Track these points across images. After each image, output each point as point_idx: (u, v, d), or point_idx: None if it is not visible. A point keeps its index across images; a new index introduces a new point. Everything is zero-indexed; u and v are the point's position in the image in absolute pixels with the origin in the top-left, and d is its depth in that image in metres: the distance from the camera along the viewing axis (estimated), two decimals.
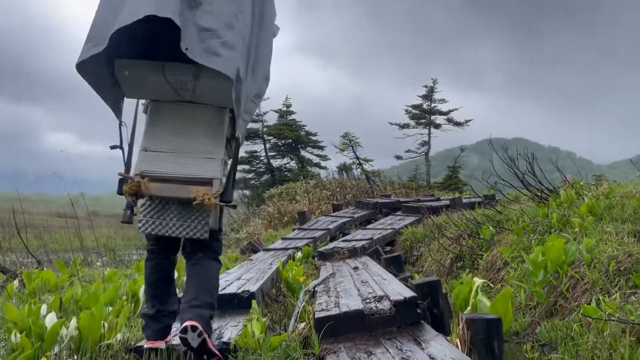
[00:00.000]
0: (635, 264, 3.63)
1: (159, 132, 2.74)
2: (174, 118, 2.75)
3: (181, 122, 2.75)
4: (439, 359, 2.29)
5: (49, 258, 11.39)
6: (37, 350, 2.82)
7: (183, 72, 2.64)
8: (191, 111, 2.76)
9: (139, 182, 2.59)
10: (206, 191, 2.60)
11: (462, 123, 26.24)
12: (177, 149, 2.70)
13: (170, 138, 2.71)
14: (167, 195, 2.64)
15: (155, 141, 2.72)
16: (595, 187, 6.83)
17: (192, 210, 2.65)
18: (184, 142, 2.71)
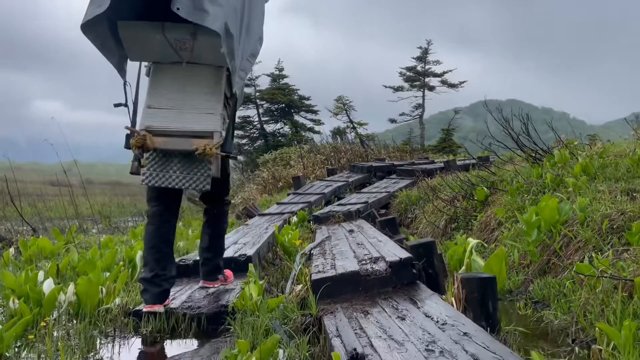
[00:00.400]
0: (628, 222, 3.66)
1: (162, 91, 2.89)
2: (174, 77, 2.90)
3: (182, 81, 2.90)
4: (435, 317, 2.33)
5: (44, 226, 11.40)
6: (36, 316, 2.85)
7: (181, 30, 2.74)
8: (190, 71, 2.90)
9: (144, 136, 2.74)
10: (207, 143, 2.74)
11: (456, 85, 26.05)
12: (178, 106, 2.84)
13: (172, 95, 2.86)
14: (170, 147, 2.79)
15: (158, 99, 2.86)
16: (589, 147, 6.84)
17: (194, 163, 2.80)
18: (185, 100, 2.86)
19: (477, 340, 1.96)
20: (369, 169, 11.27)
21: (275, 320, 2.73)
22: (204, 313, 2.99)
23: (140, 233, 7.03)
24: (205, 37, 2.71)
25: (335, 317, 2.52)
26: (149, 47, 2.83)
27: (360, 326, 2.33)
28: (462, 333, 2.05)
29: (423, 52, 25.84)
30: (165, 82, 2.90)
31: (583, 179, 4.96)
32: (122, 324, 2.96)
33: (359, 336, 2.17)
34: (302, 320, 2.73)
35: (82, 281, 3.06)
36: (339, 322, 2.43)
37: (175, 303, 3.14)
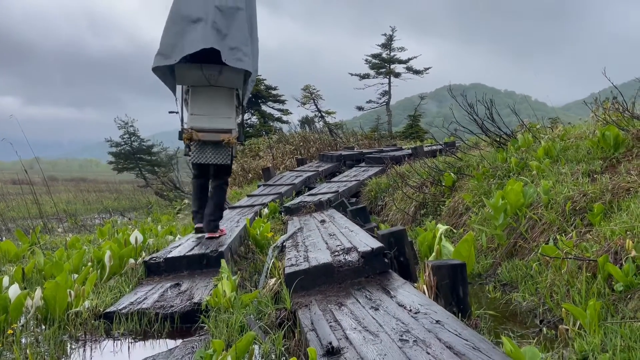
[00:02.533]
0: (590, 203, 3.78)
1: (199, 104, 4.42)
2: (206, 95, 4.45)
3: (210, 98, 4.44)
4: (408, 306, 2.36)
5: (6, 227, 11.06)
6: (2, 323, 2.76)
7: (212, 69, 4.34)
8: (215, 91, 4.46)
9: (190, 132, 4.34)
10: (229, 136, 4.38)
11: (421, 71, 26.26)
12: (209, 113, 4.41)
13: (205, 107, 4.43)
14: (206, 139, 4.38)
15: (197, 109, 4.41)
16: (551, 129, 7.01)
17: (220, 148, 4.42)
18: (213, 109, 4.43)
19: (449, 327, 1.99)
20: (339, 157, 11.30)
21: (250, 316, 2.72)
22: (176, 312, 2.96)
23: (107, 231, 6.90)
24: (226, 73, 4.34)
25: (310, 311, 2.53)
26: (191, 78, 4.41)
27: (335, 318, 2.35)
28: (434, 321, 2.09)
29: (388, 39, 25.93)
30: (201, 98, 4.44)
31: (546, 162, 5.09)
32: (93, 327, 2.90)
33: (334, 329, 2.19)
34: (277, 315, 2.73)
35: (49, 285, 2.98)
36: (313, 315, 2.44)
37: (147, 303, 3.10)
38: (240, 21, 4.19)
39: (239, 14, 4.20)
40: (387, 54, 26.17)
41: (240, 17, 4.20)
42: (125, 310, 2.98)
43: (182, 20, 4.13)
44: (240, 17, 4.20)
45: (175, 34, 4.11)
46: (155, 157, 26.53)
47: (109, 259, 3.88)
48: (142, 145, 26.28)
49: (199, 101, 4.41)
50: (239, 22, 4.18)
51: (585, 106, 7.17)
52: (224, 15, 4.15)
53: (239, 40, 4.13)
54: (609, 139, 4.71)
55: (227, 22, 4.14)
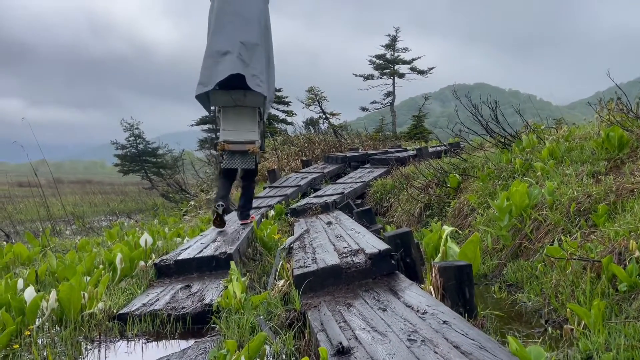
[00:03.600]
0: (594, 204, 3.82)
1: (228, 121, 5.30)
2: (234, 114, 5.31)
3: (237, 116, 5.31)
4: (415, 306, 2.41)
5: (15, 229, 11.18)
6: (20, 325, 2.83)
7: (239, 93, 5.20)
8: (241, 110, 5.31)
9: (223, 144, 5.24)
10: (253, 147, 5.25)
11: (425, 71, 26.28)
12: (237, 128, 5.29)
13: (233, 123, 5.29)
14: (236, 149, 5.26)
15: (227, 125, 5.29)
16: (556, 130, 7.05)
17: (246, 156, 5.29)
18: (240, 125, 5.30)
19: (456, 328, 2.05)
20: (344, 159, 11.36)
21: (260, 317, 2.78)
22: (188, 313, 3.02)
23: (116, 233, 6.98)
24: (249, 95, 5.19)
25: (319, 311, 2.59)
26: (222, 100, 5.27)
27: (344, 319, 2.40)
28: (441, 321, 2.14)
29: (392, 39, 25.96)
30: (229, 117, 5.30)
31: (550, 163, 5.13)
32: (107, 329, 2.97)
33: (343, 329, 2.25)
34: (287, 316, 2.79)
35: (63, 287, 3.05)
36: (322, 316, 2.50)
37: (159, 304, 3.16)
38: (259, 54, 5.15)
39: (258, 48, 5.15)
40: (391, 55, 26.20)
41: (259, 51, 5.16)
42: (138, 311, 3.05)
43: (214, 55, 5.06)
44: (259, 51, 5.16)
45: (210, 65, 5.05)
46: (161, 159, 26.65)
47: (120, 261, 3.95)
48: (147, 147, 26.41)
49: (228, 119, 5.32)
50: (258, 55, 5.13)
51: (591, 105, 7.20)
52: (247, 49, 5.08)
53: (258, 69, 5.09)
54: (613, 139, 4.75)
55: (249, 54, 5.07)
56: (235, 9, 5.20)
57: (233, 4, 5.22)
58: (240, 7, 5.22)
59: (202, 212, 11.20)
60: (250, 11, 5.24)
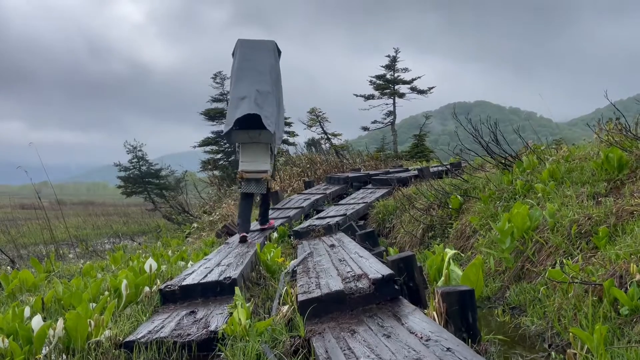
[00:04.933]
0: (595, 226, 3.86)
1: (246, 155, 6.57)
2: (250, 149, 6.59)
3: (254, 151, 6.58)
4: (418, 333, 2.44)
5: (19, 254, 11.20)
6: (27, 354, 2.86)
7: (255, 132, 6.49)
8: (257, 145, 6.58)
9: (241, 173, 6.53)
10: (266, 175, 6.54)
11: (425, 91, 26.49)
12: (253, 160, 6.55)
13: (250, 156, 6.56)
14: (251, 177, 6.52)
15: (245, 158, 6.56)
16: (556, 150, 7.10)
17: (260, 182, 6.56)
18: (256, 158, 6.56)
19: (459, 355, 2.08)
20: (346, 179, 11.41)
21: (265, 345, 2.81)
22: (194, 340, 3.04)
23: (120, 258, 7.00)
24: (263, 133, 6.46)
25: (324, 338, 2.61)
26: (241, 138, 6.59)
27: (349, 346, 2.43)
28: (445, 348, 2.17)
29: (391, 60, 26.23)
30: (247, 151, 6.58)
31: (551, 184, 5.18)
32: (114, 357, 2.99)
33: (348, 357, 2.27)
34: (291, 343, 2.81)
35: (70, 316, 3.08)
36: (327, 343, 2.53)
37: (164, 332, 3.19)
38: (271, 100, 6.45)
39: (270, 96, 6.48)
40: (391, 75, 26.45)
41: (271, 98, 6.47)
42: (144, 339, 3.07)
43: (235, 100, 6.41)
44: (271, 98, 6.47)
45: (232, 109, 6.36)
46: (164, 180, 26.74)
47: (126, 287, 3.99)
48: (150, 168, 26.52)
49: (246, 153, 6.59)
50: (269, 100, 6.43)
51: (591, 121, 7.27)
52: (261, 95, 6.38)
53: (269, 112, 6.35)
54: (613, 160, 4.80)
55: (262, 99, 6.37)
56: (252, 65, 6.65)
57: (250, 62, 6.67)
58: (255, 63, 6.67)
59: (205, 235, 11.23)
60: (263, 66, 6.67)
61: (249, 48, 6.81)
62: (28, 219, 19.53)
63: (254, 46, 6.87)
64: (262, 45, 6.91)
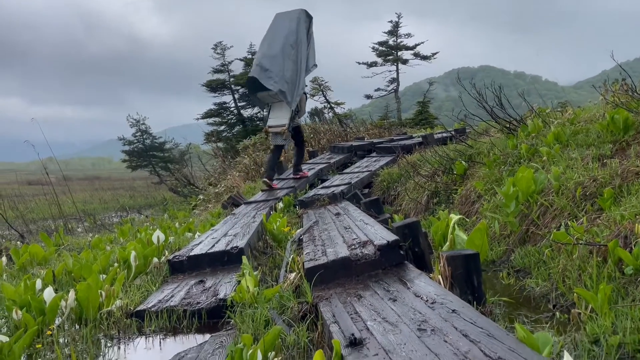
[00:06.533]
0: (600, 188, 3.85)
1: (271, 112, 7.89)
2: (275, 107, 7.82)
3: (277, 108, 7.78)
4: (424, 296, 2.47)
5: (28, 229, 11.33)
6: (41, 325, 2.93)
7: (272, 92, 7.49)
8: (280, 104, 7.70)
9: (266, 129, 7.89)
10: (283, 128, 7.61)
11: (428, 57, 26.16)
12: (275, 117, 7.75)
13: (274, 114, 7.81)
14: (273, 131, 7.74)
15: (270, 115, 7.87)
16: (561, 113, 7.04)
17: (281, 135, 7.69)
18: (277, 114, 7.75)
19: (464, 316, 2.11)
20: (350, 148, 11.38)
21: (273, 311, 2.86)
22: (203, 308, 3.10)
23: (128, 230, 7.08)
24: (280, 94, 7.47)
25: (331, 304, 2.65)
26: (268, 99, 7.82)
27: (355, 310, 2.47)
28: (450, 310, 2.20)
29: (394, 26, 25.82)
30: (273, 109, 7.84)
31: (556, 147, 5.15)
32: (125, 326, 3.06)
33: (355, 321, 2.31)
34: (299, 308, 2.86)
35: (81, 287, 3.14)
36: (334, 308, 2.57)
37: (174, 300, 3.25)
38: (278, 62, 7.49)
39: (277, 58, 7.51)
40: (394, 41, 26.08)
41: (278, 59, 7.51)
42: (155, 308, 3.13)
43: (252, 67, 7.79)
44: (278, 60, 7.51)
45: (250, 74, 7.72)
46: (168, 153, 26.77)
47: (135, 259, 4.04)
48: (154, 142, 26.52)
49: (272, 111, 7.91)
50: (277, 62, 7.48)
51: (597, 84, 7.18)
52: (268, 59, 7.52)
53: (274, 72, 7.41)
54: (618, 122, 4.76)
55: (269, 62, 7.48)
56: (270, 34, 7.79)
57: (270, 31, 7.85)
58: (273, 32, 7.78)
59: (211, 206, 11.30)
60: (279, 33, 7.72)
61: (275, 20, 7.98)
62: (35, 195, 19.68)
63: (280, 17, 8.00)
64: (286, 16, 8.02)
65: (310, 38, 8.21)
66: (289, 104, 7.57)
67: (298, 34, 7.74)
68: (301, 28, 7.83)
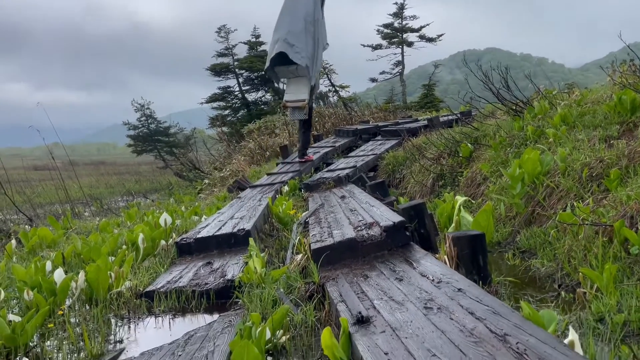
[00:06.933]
0: (606, 169, 3.84)
1: (289, 87, 8.14)
2: (293, 82, 8.11)
3: (295, 84, 8.03)
4: (430, 276, 2.49)
5: (36, 213, 11.42)
6: (52, 305, 2.97)
7: (292, 67, 7.87)
8: (297, 79, 8.00)
9: (284, 103, 8.12)
10: (304, 103, 7.87)
11: (434, 39, 25.92)
12: (294, 92, 7.97)
13: (292, 88, 8.06)
14: (292, 105, 7.96)
15: (288, 90, 8.14)
16: (568, 95, 6.99)
17: (301, 110, 7.95)
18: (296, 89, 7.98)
19: (470, 295, 2.13)
20: (354, 132, 11.36)
21: (281, 291, 2.89)
22: (211, 289, 3.14)
23: (134, 214, 7.13)
24: (300, 69, 7.79)
25: (337, 283, 2.68)
26: (285, 74, 8.24)
27: (362, 290, 2.50)
28: (456, 289, 2.22)
29: (399, 7, 25.56)
30: (290, 84, 8.11)
31: (562, 129, 5.13)
32: (135, 306, 3.11)
33: (362, 300, 2.34)
34: (306, 289, 2.89)
35: (91, 268, 3.18)
36: (341, 287, 2.60)
37: (182, 281, 3.29)
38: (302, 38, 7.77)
39: (302, 35, 7.77)
40: (399, 23, 25.84)
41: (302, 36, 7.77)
42: (164, 288, 3.17)
43: (272, 43, 7.97)
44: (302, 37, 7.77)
45: (269, 52, 8.01)
46: (173, 138, 26.79)
47: (143, 241, 4.08)
48: (159, 126, 26.54)
49: (289, 86, 8.17)
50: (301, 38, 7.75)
51: (604, 66, 7.12)
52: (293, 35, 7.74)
53: (300, 48, 7.71)
54: (626, 103, 4.73)
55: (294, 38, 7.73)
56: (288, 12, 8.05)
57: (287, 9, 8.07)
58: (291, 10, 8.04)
59: (217, 190, 11.34)
60: (298, 11, 8.00)
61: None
62: (42, 180, 19.79)
63: None
64: None
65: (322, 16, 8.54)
66: (309, 80, 7.90)
67: (315, 11, 8.05)
68: (317, 6, 8.13)
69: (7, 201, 10.95)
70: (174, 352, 2.27)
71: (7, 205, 11.91)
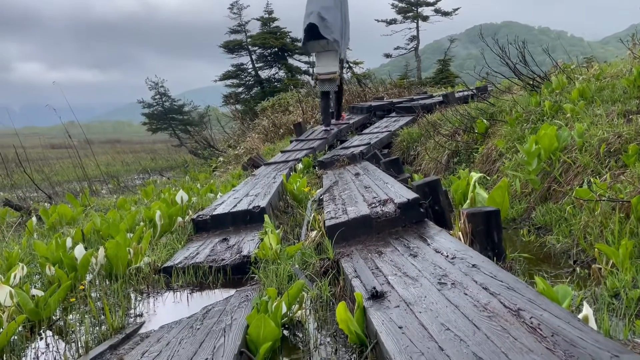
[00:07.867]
0: (625, 144, 3.79)
1: (320, 60, 8.71)
2: (324, 56, 8.62)
3: (326, 57, 8.61)
4: (444, 252, 2.51)
5: (54, 190, 11.62)
6: (73, 280, 3.05)
7: (323, 41, 8.37)
8: (327, 53, 8.55)
9: (317, 76, 8.84)
10: (335, 75, 8.59)
11: (450, 12, 25.48)
12: (324, 65, 8.62)
13: (323, 61, 8.65)
14: (324, 78, 8.67)
15: (319, 63, 8.72)
16: (586, 69, 6.86)
17: (332, 81, 8.70)
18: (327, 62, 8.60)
19: (484, 270, 2.14)
20: (369, 109, 11.29)
21: (296, 267, 2.93)
22: (228, 265, 3.20)
23: (151, 191, 7.21)
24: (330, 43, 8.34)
25: (352, 259, 2.71)
26: (316, 48, 8.63)
27: (376, 266, 2.52)
28: (470, 265, 2.24)
29: None
30: (321, 57, 8.64)
31: (580, 104, 5.05)
32: (154, 281, 3.17)
33: (376, 275, 2.36)
34: (321, 265, 2.92)
35: (110, 244, 3.24)
36: (356, 263, 2.62)
37: (199, 257, 3.35)
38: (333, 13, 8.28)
39: (332, 10, 8.26)
40: None
41: (333, 11, 8.28)
42: (182, 264, 3.23)
43: (305, 17, 8.37)
44: (333, 12, 8.28)
45: (303, 25, 8.38)
46: (187, 116, 26.88)
47: (160, 218, 4.14)
48: (173, 105, 26.62)
49: (320, 59, 8.66)
50: (332, 14, 8.26)
51: (625, 39, 6.95)
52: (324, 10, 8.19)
53: (331, 22, 8.19)
54: None
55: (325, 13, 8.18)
56: None
57: None
58: None
59: (232, 168, 11.41)
60: None
61: None
62: (59, 158, 20.07)
63: None
64: None
65: None
66: (338, 53, 8.48)
67: None
68: None
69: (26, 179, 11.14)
70: (192, 326, 2.32)
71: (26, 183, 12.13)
